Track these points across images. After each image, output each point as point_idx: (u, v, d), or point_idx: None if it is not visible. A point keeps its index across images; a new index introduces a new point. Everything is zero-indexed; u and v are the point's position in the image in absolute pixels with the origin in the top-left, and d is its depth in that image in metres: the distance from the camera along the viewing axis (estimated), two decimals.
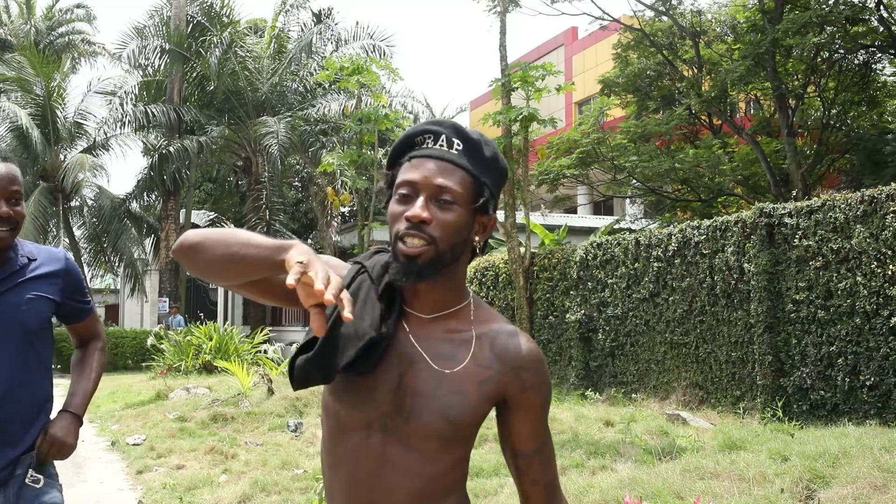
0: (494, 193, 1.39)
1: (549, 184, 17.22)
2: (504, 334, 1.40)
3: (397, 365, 1.35)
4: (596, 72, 22.51)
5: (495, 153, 1.40)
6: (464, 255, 1.39)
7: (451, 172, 1.34)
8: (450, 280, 1.38)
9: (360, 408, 1.35)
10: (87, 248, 24.07)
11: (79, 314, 2.47)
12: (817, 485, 4.67)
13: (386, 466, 1.34)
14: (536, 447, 1.42)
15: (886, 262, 6.83)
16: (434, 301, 1.39)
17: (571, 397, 10.15)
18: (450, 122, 1.39)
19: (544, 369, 1.42)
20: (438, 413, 1.32)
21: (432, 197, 1.32)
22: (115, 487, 6.58)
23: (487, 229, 1.41)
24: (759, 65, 13.90)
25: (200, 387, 11.45)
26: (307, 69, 22.80)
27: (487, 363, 1.37)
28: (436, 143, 1.36)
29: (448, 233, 1.32)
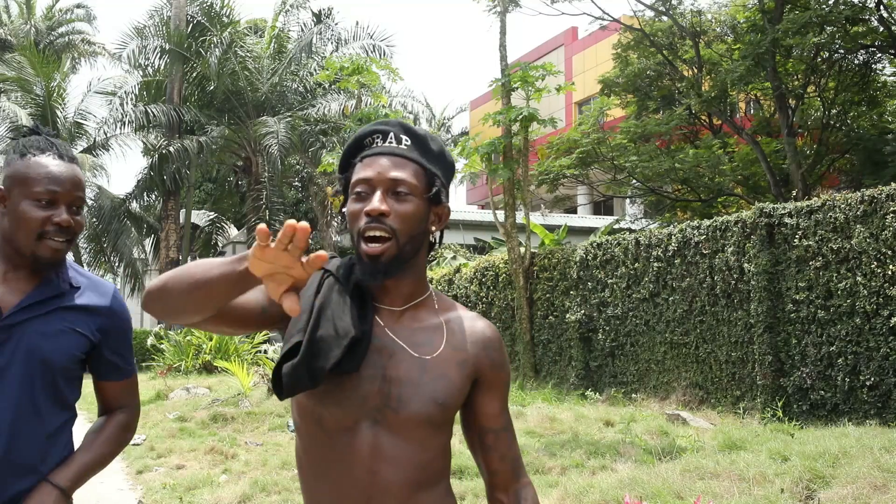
0: (445, 184, 1.45)
1: (549, 184, 17.23)
2: (468, 319, 1.49)
3: (378, 358, 1.39)
4: (596, 72, 22.51)
5: (441, 147, 1.46)
6: (423, 246, 1.44)
7: (404, 166, 1.39)
8: (414, 272, 1.44)
9: (346, 407, 1.36)
10: (87, 248, 24.07)
11: (114, 370, 1.95)
12: (817, 485, 4.67)
13: (380, 460, 1.35)
14: (503, 424, 1.48)
15: (886, 262, 6.83)
16: (402, 293, 1.44)
17: (571, 397, 10.15)
18: (396, 121, 1.45)
19: (504, 351, 1.52)
20: (427, 398, 1.37)
21: (388, 191, 1.37)
22: (115, 487, 6.58)
23: (442, 219, 1.47)
24: (759, 65, 13.90)
25: (200, 387, 11.45)
26: (307, 69, 22.79)
27: (461, 346, 1.44)
28: (385, 140, 1.41)
29: (407, 224, 1.37)
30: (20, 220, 1.76)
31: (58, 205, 1.77)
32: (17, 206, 1.77)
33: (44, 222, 1.75)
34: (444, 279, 14.26)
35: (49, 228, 1.76)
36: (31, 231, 1.75)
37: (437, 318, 1.45)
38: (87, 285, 1.91)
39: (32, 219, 1.75)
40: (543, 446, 6.70)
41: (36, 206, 1.75)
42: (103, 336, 1.89)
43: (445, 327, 1.44)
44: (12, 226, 1.77)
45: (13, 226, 1.77)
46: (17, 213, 1.77)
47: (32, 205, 1.75)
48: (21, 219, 1.76)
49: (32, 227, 1.75)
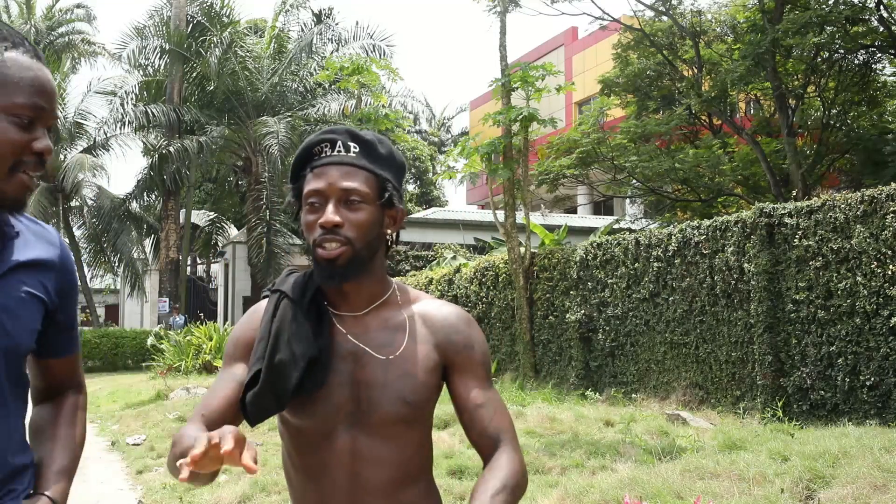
0: (397, 187, 1.47)
1: (549, 184, 17.23)
2: (431, 308, 1.49)
3: (345, 365, 1.42)
4: (596, 72, 22.51)
5: (390, 149, 1.48)
6: (380, 248, 1.47)
7: (354, 174, 1.41)
8: (372, 274, 1.46)
9: (321, 417, 1.40)
10: (87, 248, 24.09)
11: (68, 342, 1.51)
12: (817, 485, 4.67)
13: (360, 462, 1.39)
14: (481, 401, 1.45)
15: (886, 262, 6.83)
16: (362, 298, 1.46)
17: (571, 397, 10.15)
18: (343, 128, 1.45)
19: (474, 329, 1.49)
20: (395, 398, 1.39)
21: (340, 200, 1.40)
22: (115, 487, 6.58)
23: (397, 221, 1.49)
24: (759, 65, 13.90)
25: (200, 387, 11.45)
26: (307, 69, 22.80)
27: (423, 338, 1.45)
28: (333, 150, 1.43)
29: (361, 231, 1.40)
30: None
31: (37, 126, 1.30)
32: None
33: (22, 149, 1.28)
34: (444, 279, 14.26)
35: (27, 158, 1.29)
36: (4, 159, 1.27)
37: (402, 314, 1.47)
38: (25, 229, 1.41)
39: (8, 142, 1.26)
40: (543, 446, 6.70)
41: (14, 124, 1.27)
42: (60, 300, 1.44)
43: (408, 323, 1.46)
44: None
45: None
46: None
47: (9, 122, 1.27)
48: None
49: (6, 153, 1.27)
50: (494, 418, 1.44)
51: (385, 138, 1.49)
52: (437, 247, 20.40)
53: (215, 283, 30.66)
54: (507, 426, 1.46)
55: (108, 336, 21.40)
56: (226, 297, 26.78)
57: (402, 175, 1.50)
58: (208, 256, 31.48)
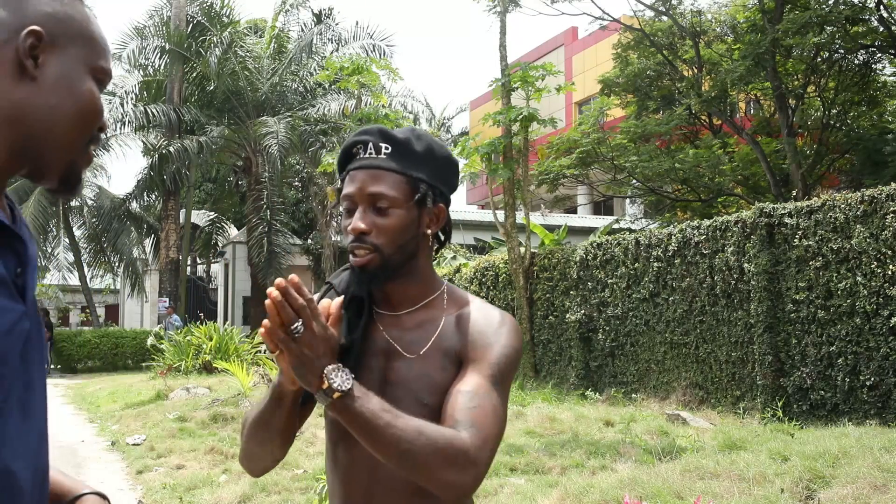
0: (434, 184, 1.42)
1: (549, 184, 17.23)
2: (471, 310, 1.44)
3: (376, 362, 1.42)
4: (596, 72, 22.51)
5: (429, 145, 1.43)
6: (421, 249, 1.44)
7: (382, 178, 1.38)
8: (414, 275, 1.44)
9: None
10: (87, 248, 24.09)
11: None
12: (817, 485, 4.67)
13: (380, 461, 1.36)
14: (465, 389, 1.31)
15: (886, 262, 6.83)
16: (403, 298, 1.45)
17: (571, 397, 10.15)
18: (376, 129, 1.42)
19: (503, 331, 1.39)
20: (413, 399, 1.37)
21: (369, 206, 1.38)
22: (115, 487, 6.58)
23: (439, 219, 1.45)
24: (759, 65, 13.90)
25: (200, 387, 11.44)
26: (307, 69, 22.79)
27: (451, 339, 1.41)
28: (365, 152, 1.41)
29: (390, 237, 1.38)
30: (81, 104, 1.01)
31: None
32: (75, 78, 1.00)
33: (101, 118, 1.05)
34: (444, 279, 14.25)
35: (98, 133, 1.06)
36: (90, 126, 1.03)
37: (440, 316, 1.44)
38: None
39: (97, 107, 1.03)
40: (543, 446, 6.69)
41: (97, 87, 1.05)
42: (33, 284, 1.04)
43: (443, 323, 1.43)
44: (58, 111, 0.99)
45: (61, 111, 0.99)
46: (76, 91, 1.01)
47: (95, 85, 1.04)
48: (83, 103, 1.01)
49: (93, 119, 1.03)
50: (469, 410, 1.27)
51: (425, 133, 1.45)
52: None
53: (215, 283, 30.66)
54: (480, 423, 1.26)
55: (108, 336, 21.40)
56: (226, 297, 26.78)
57: (445, 169, 1.45)
58: (208, 256, 31.47)
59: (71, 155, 1.02)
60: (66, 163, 1.02)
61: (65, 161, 1.02)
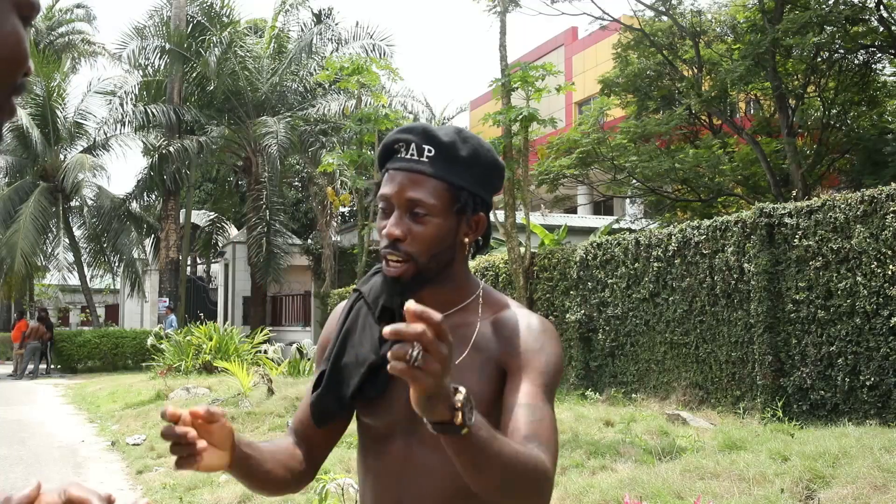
0: (476, 192, 1.36)
1: (549, 184, 17.21)
2: (508, 315, 1.38)
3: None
4: (596, 72, 22.51)
5: (475, 149, 1.35)
6: (457, 256, 1.38)
7: (422, 183, 1.32)
8: (449, 281, 1.39)
9: (381, 418, 1.40)
10: (87, 248, 24.07)
11: None
12: (817, 485, 4.67)
13: (410, 469, 1.37)
14: (524, 402, 1.28)
15: (886, 262, 6.83)
16: (438, 304, 1.37)
17: (571, 397, 10.15)
18: (420, 128, 1.35)
19: (547, 339, 1.36)
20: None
21: (406, 211, 1.32)
22: (115, 487, 6.58)
23: (479, 227, 1.39)
24: (759, 65, 13.90)
25: (200, 387, 11.45)
26: (307, 69, 22.79)
27: (488, 347, 1.36)
28: (407, 152, 1.34)
29: (425, 246, 1.32)
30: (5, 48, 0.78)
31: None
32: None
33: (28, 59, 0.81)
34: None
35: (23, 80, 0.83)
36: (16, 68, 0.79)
37: (475, 322, 1.39)
38: None
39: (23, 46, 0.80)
40: None
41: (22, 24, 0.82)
42: None
43: (478, 331, 1.38)
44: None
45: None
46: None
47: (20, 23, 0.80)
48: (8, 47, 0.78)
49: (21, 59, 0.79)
50: (535, 424, 1.25)
51: (471, 135, 1.37)
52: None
53: (215, 283, 30.65)
54: (547, 439, 1.24)
55: (108, 336, 21.40)
56: (226, 297, 26.77)
57: (490, 174, 1.38)
58: (208, 256, 31.47)
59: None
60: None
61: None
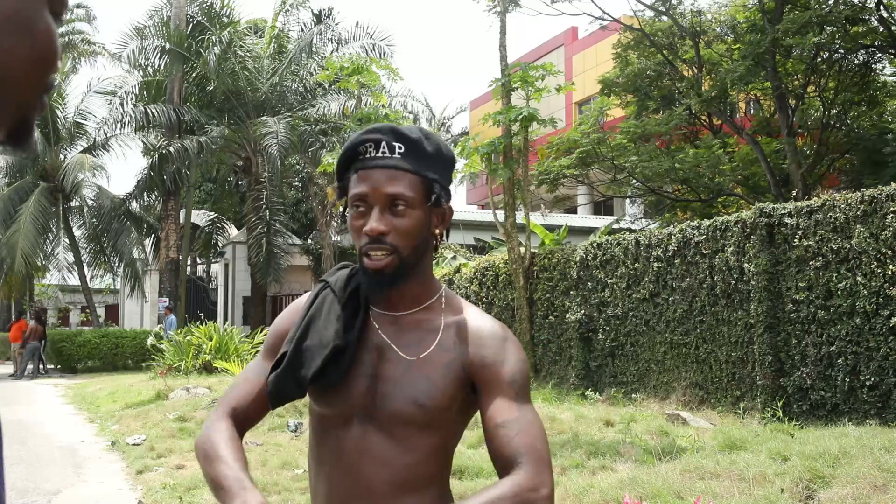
0: (444, 185, 1.42)
1: (549, 184, 17.22)
2: (472, 319, 1.44)
3: (369, 358, 1.41)
4: (596, 72, 22.51)
5: (437, 144, 1.42)
6: (427, 250, 1.44)
7: (399, 178, 1.36)
8: (417, 276, 1.43)
9: (337, 405, 1.41)
10: (87, 248, 24.08)
11: None
12: (817, 485, 4.67)
13: (365, 457, 1.38)
14: (500, 421, 1.35)
15: (886, 262, 6.83)
16: (405, 299, 1.44)
17: (571, 397, 10.15)
18: (387, 127, 1.39)
19: (509, 346, 1.42)
20: (408, 398, 1.37)
21: (385, 206, 1.36)
22: (115, 487, 6.58)
23: (445, 220, 1.45)
24: (759, 65, 13.90)
25: (200, 387, 11.44)
26: (307, 69, 22.80)
27: (452, 347, 1.41)
28: (377, 150, 1.38)
29: (408, 239, 1.37)
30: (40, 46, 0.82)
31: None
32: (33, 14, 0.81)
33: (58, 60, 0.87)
34: (444, 279, 14.26)
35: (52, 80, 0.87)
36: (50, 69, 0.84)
37: (439, 320, 1.43)
38: None
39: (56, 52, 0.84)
40: None
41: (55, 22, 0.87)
42: None
43: (443, 329, 1.42)
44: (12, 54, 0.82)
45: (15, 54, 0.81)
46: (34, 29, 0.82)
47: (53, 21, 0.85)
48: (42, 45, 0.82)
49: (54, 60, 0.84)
50: (515, 439, 1.33)
51: (431, 132, 1.44)
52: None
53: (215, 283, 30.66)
54: (528, 447, 1.32)
55: (108, 336, 21.39)
56: (226, 297, 26.77)
57: (450, 169, 1.45)
58: (208, 256, 31.47)
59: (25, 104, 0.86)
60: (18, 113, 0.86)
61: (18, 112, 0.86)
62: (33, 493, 6.37)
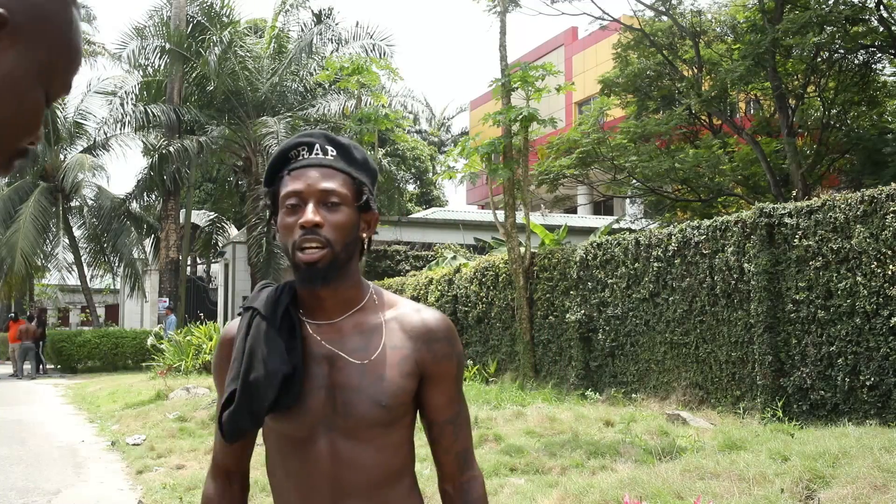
0: (371, 191, 1.48)
1: (549, 184, 17.22)
2: (410, 313, 1.48)
3: (319, 369, 1.42)
4: (596, 72, 22.51)
5: (364, 155, 1.49)
6: (356, 253, 1.47)
7: (332, 176, 1.42)
8: (348, 279, 1.46)
9: (299, 421, 1.41)
10: (87, 248, 24.08)
11: None
12: (817, 485, 4.67)
13: (339, 465, 1.40)
14: (449, 416, 1.48)
15: (886, 262, 6.83)
16: (338, 304, 1.46)
17: (571, 397, 10.15)
18: (320, 133, 1.47)
19: (454, 339, 1.49)
20: (370, 402, 1.39)
21: (320, 202, 1.40)
22: (115, 487, 6.58)
23: (372, 225, 1.49)
24: (759, 65, 13.90)
25: (200, 387, 11.45)
26: (307, 69, 22.79)
27: (400, 344, 1.44)
28: (311, 152, 1.44)
29: (341, 233, 1.40)
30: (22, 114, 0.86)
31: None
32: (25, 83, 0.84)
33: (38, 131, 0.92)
34: (444, 279, 14.26)
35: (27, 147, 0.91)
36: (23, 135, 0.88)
37: (378, 319, 1.46)
38: None
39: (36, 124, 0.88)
40: (543, 446, 6.69)
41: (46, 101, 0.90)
42: None
43: (385, 328, 1.45)
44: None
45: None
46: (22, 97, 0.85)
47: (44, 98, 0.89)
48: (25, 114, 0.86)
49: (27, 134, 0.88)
50: (459, 436, 1.49)
51: (359, 145, 1.51)
52: (437, 247, 20.39)
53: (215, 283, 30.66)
54: (470, 444, 1.51)
55: (108, 336, 21.40)
56: (226, 297, 26.76)
57: (374, 181, 1.51)
58: (208, 256, 31.47)
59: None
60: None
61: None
62: (33, 493, 6.37)
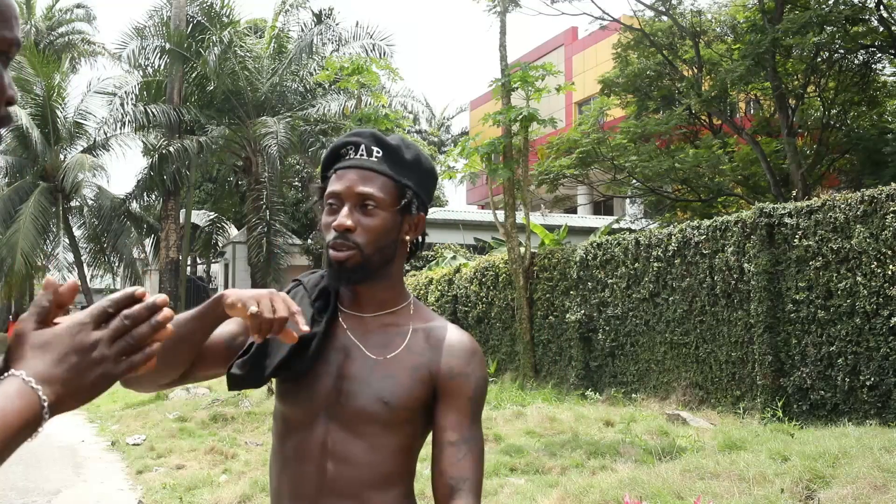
0: (419, 193, 1.46)
1: (549, 184, 17.22)
2: (438, 328, 1.47)
3: (335, 357, 1.44)
4: (596, 72, 22.51)
5: (417, 155, 1.47)
6: (397, 254, 1.47)
7: (372, 179, 1.42)
8: (386, 280, 1.46)
9: (302, 404, 1.43)
10: (87, 248, 24.08)
11: None
12: (817, 485, 4.67)
13: (329, 456, 1.40)
14: (454, 438, 1.39)
15: (886, 262, 6.83)
16: (373, 301, 1.47)
17: (571, 397, 10.15)
18: (369, 132, 1.47)
19: (476, 362, 1.45)
20: (373, 396, 1.39)
21: (356, 205, 1.42)
22: (115, 487, 6.59)
23: (417, 227, 1.48)
24: (759, 65, 13.89)
25: (200, 387, 11.45)
26: (307, 69, 22.78)
27: (420, 351, 1.44)
28: (356, 153, 1.45)
29: (372, 237, 1.41)
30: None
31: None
32: None
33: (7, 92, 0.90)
34: (445, 279, 14.26)
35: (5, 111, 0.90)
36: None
37: (407, 325, 1.46)
38: None
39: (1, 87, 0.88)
40: (543, 446, 6.70)
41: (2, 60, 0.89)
42: None
43: (410, 333, 1.45)
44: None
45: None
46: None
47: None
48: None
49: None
50: (462, 462, 1.37)
51: (413, 143, 1.49)
52: (437, 247, 20.40)
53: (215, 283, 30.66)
54: (471, 474, 1.37)
55: None
56: None
57: (429, 180, 1.50)
58: (208, 256, 31.47)
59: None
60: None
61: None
62: (33, 492, 6.37)
